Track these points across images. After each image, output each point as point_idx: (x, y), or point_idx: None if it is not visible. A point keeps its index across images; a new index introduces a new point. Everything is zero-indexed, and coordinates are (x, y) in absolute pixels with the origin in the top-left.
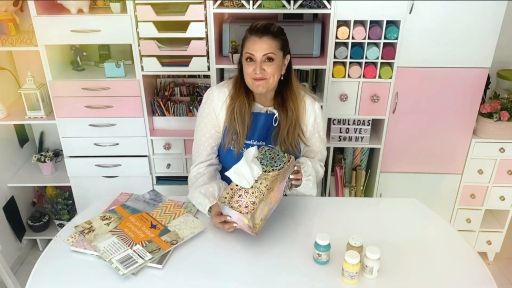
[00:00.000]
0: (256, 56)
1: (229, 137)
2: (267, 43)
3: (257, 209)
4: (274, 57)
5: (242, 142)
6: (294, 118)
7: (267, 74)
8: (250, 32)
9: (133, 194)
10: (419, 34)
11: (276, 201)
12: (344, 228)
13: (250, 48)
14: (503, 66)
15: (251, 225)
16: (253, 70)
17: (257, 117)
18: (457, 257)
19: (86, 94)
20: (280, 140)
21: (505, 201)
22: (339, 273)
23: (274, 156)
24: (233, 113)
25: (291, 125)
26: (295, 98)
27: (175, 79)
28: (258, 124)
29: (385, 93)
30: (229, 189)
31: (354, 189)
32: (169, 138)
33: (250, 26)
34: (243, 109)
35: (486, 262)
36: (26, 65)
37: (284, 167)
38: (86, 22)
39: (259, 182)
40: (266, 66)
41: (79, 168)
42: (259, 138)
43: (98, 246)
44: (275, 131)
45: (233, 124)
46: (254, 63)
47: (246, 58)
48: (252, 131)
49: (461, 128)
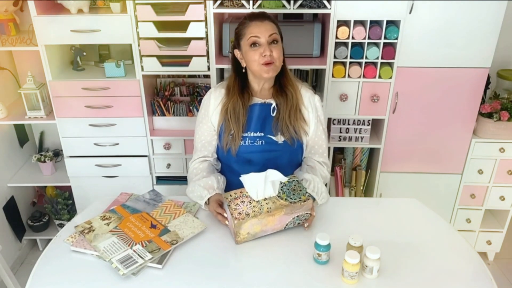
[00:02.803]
0: (262, 38)
1: (225, 138)
2: (270, 25)
3: (246, 221)
4: (278, 39)
5: (239, 139)
6: (294, 100)
7: (273, 58)
8: (250, 19)
9: (133, 194)
10: (419, 34)
11: (272, 229)
12: (344, 228)
13: (255, 31)
14: (503, 66)
15: (235, 232)
16: (261, 54)
17: (252, 109)
18: (457, 257)
19: (86, 94)
20: (282, 125)
21: (505, 201)
22: (339, 273)
23: (296, 189)
24: (227, 114)
25: (292, 107)
26: (292, 84)
27: (175, 79)
28: (254, 116)
29: (385, 93)
30: (239, 191)
31: (354, 189)
32: (169, 138)
33: (247, 14)
34: (237, 108)
35: (486, 262)
36: (26, 65)
37: (297, 203)
38: (86, 22)
39: (265, 201)
40: (273, 48)
41: (79, 168)
42: (255, 129)
43: (98, 246)
44: (274, 118)
45: (228, 124)
46: (260, 47)
47: (250, 44)
48: (248, 123)
49: (461, 128)
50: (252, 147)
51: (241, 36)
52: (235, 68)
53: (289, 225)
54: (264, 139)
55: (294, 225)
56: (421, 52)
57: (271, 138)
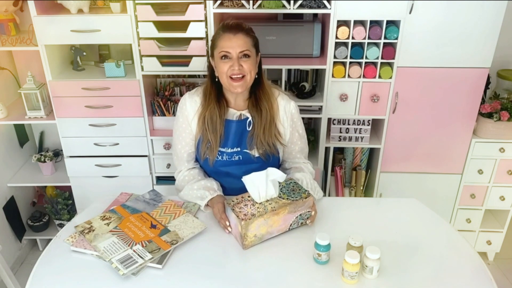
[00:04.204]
0: (233, 53)
1: (203, 147)
2: (242, 40)
3: (253, 221)
4: (250, 54)
5: (216, 150)
6: (269, 117)
7: (244, 70)
8: (223, 30)
9: (133, 194)
10: (419, 34)
11: (277, 230)
12: (344, 228)
13: (226, 45)
14: (503, 66)
15: (242, 234)
16: (230, 67)
17: (229, 125)
18: (457, 257)
19: (86, 94)
20: (256, 141)
21: (505, 201)
22: (339, 273)
23: (295, 189)
24: (204, 123)
25: (267, 124)
26: (268, 97)
27: (175, 79)
28: (231, 132)
29: (385, 93)
30: (240, 196)
31: (354, 189)
32: (169, 138)
33: (221, 24)
34: (214, 117)
35: (486, 262)
36: (26, 65)
37: (298, 200)
38: (86, 22)
39: (268, 202)
40: (243, 62)
41: (79, 168)
42: (232, 145)
43: (98, 246)
44: (249, 133)
45: (205, 134)
46: (230, 60)
47: (221, 56)
48: (225, 138)
49: (461, 128)
50: (230, 162)
51: (214, 46)
52: (211, 76)
53: (293, 225)
54: (240, 154)
55: (298, 225)
56: (421, 52)
57: (246, 152)
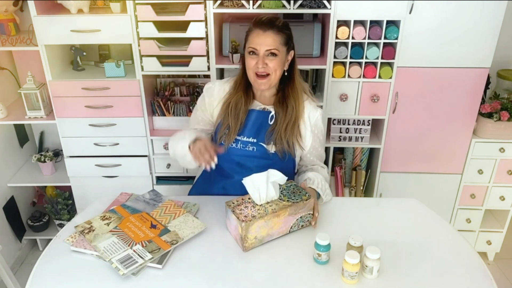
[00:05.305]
0: (259, 50)
1: (221, 132)
2: (271, 38)
3: (254, 223)
4: (277, 53)
5: (234, 136)
6: (294, 115)
7: (269, 69)
8: (255, 25)
9: (133, 194)
10: (419, 34)
11: (278, 232)
12: (344, 228)
13: (254, 41)
14: (503, 66)
15: (242, 236)
16: (256, 64)
17: (250, 114)
18: (457, 257)
19: (86, 94)
20: (276, 137)
21: (505, 201)
22: (339, 273)
23: (296, 192)
24: (228, 108)
25: (290, 122)
26: (297, 96)
27: (175, 79)
28: (250, 120)
29: (385, 93)
30: (241, 198)
31: (354, 189)
32: (169, 138)
33: (255, 19)
34: (239, 104)
35: (486, 262)
36: (26, 65)
37: (299, 202)
38: (86, 22)
39: (268, 204)
40: (269, 60)
41: (79, 168)
42: (249, 134)
43: (98, 246)
44: (270, 127)
45: (227, 119)
46: (257, 56)
47: (249, 51)
48: (244, 127)
49: (461, 128)
50: (243, 151)
51: (245, 39)
52: (243, 67)
53: (293, 227)
54: (255, 145)
55: (299, 228)
56: (421, 52)
57: (262, 146)
